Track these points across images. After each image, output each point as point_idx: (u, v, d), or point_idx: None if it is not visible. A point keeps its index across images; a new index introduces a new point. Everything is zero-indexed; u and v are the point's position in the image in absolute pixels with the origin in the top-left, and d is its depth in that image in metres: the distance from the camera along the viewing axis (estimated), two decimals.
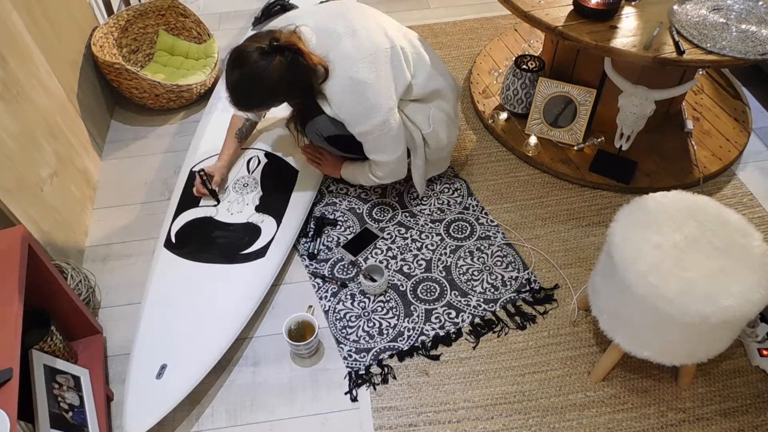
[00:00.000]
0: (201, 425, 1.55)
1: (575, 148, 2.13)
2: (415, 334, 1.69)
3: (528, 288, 1.79)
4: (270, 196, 1.93)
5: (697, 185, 2.04)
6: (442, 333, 1.69)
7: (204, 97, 2.42)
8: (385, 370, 1.63)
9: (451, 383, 1.60)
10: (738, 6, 1.79)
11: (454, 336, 1.69)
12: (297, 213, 1.90)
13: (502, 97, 2.27)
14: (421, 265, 1.85)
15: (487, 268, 1.84)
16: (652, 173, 2.05)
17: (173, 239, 1.82)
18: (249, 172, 2.01)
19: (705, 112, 2.26)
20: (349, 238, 1.92)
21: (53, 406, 1.32)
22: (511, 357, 1.65)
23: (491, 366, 1.63)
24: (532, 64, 2.18)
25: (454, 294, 1.78)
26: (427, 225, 1.96)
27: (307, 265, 1.87)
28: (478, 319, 1.72)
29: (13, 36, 1.75)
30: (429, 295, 1.78)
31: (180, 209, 1.91)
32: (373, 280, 1.77)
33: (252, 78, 1.55)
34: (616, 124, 1.94)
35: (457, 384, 1.60)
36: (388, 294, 1.78)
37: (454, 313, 1.73)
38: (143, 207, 2.07)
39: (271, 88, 1.59)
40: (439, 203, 2.02)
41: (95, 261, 1.92)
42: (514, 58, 2.20)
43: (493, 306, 1.75)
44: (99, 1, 2.53)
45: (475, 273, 1.82)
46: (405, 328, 1.71)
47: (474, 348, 1.67)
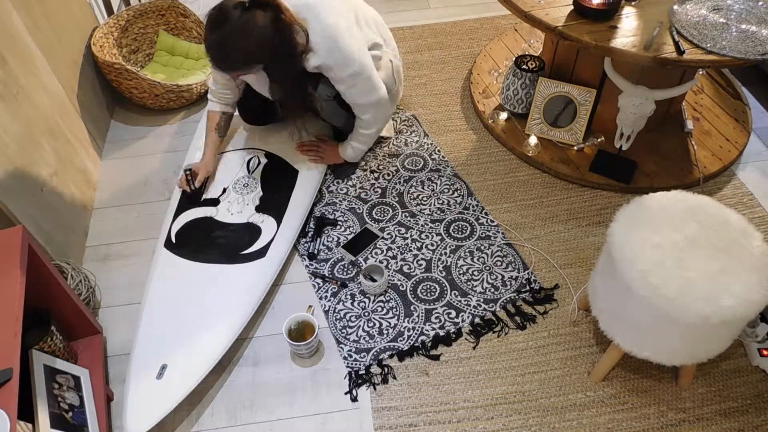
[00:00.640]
0: (201, 425, 1.55)
1: (575, 148, 2.13)
2: (415, 334, 1.69)
3: (528, 288, 1.79)
4: (270, 196, 1.94)
5: (697, 185, 2.04)
6: (442, 333, 1.69)
7: (204, 97, 2.42)
8: (385, 370, 1.63)
9: (451, 383, 1.60)
10: (738, 6, 1.79)
11: (454, 336, 1.69)
12: (297, 213, 1.90)
13: (502, 97, 2.27)
14: (421, 265, 1.85)
15: (487, 268, 1.84)
16: (652, 173, 2.05)
17: (173, 239, 1.82)
18: (249, 172, 2.01)
19: (705, 112, 2.26)
20: (349, 238, 1.92)
21: (53, 406, 1.32)
22: (511, 357, 1.65)
23: (491, 366, 1.63)
24: (532, 64, 2.18)
25: (454, 294, 1.78)
26: (427, 225, 1.96)
27: (307, 265, 1.87)
28: (478, 319, 1.72)
29: (13, 36, 1.75)
30: (429, 295, 1.78)
31: (180, 209, 1.91)
32: (373, 280, 1.77)
33: (236, 33, 1.53)
34: (616, 124, 1.94)
35: (457, 384, 1.60)
36: (388, 294, 1.78)
37: (454, 313, 1.73)
38: (143, 207, 2.07)
39: (256, 43, 1.56)
40: (439, 203, 2.02)
41: (95, 261, 1.92)
42: (514, 58, 2.20)
43: (493, 306, 1.75)
44: (99, 1, 2.53)
45: (475, 273, 1.82)
46: (405, 328, 1.71)
47: (474, 348, 1.67)
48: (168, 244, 1.81)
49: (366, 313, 1.74)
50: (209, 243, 1.81)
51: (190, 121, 2.37)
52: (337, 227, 1.96)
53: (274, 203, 1.91)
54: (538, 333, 1.69)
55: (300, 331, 1.66)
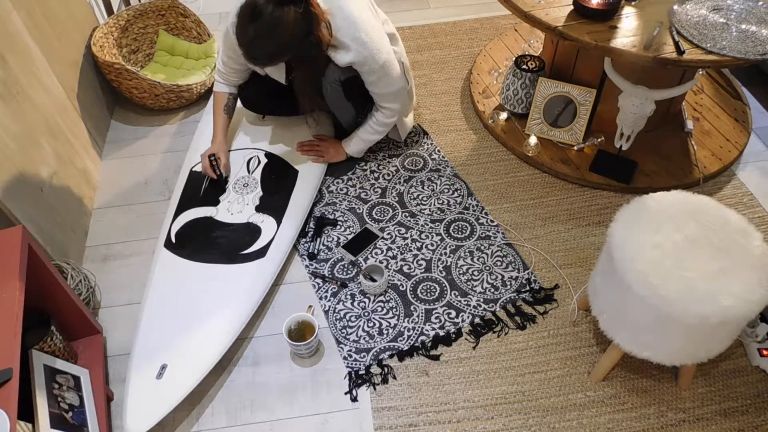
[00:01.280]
0: (201, 425, 1.55)
1: (575, 148, 2.13)
2: (415, 334, 1.69)
3: (528, 288, 1.79)
4: (270, 196, 1.94)
5: (697, 185, 2.04)
6: (442, 333, 1.69)
7: (204, 97, 2.42)
8: (385, 370, 1.63)
9: (451, 383, 1.60)
10: (738, 6, 1.79)
11: (454, 336, 1.69)
12: (297, 213, 1.90)
13: (502, 97, 2.27)
14: (421, 265, 1.85)
15: (487, 268, 1.84)
16: (652, 173, 2.05)
17: (173, 239, 1.82)
18: (249, 172, 2.01)
19: (705, 112, 2.26)
20: (349, 238, 1.92)
21: (53, 406, 1.32)
22: (511, 357, 1.65)
23: (491, 366, 1.63)
24: (532, 64, 2.18)
25: (454, 294, 1.78)
26: (427, 225, 1.96)
27: (307, 265, 1.87)
28: (478, 319, 1.72)
29: (13, 36, 1.75)
30: (429, 295, 1.78)
31: (180, 209, 1.91)
32: (373, 280, 1.77)
33: (270, 28, 1.57)
34: (616, 124, 1.94)
35: (457, 384, 1.60)
36: (388, 294, 1.78)
37: (454, 313, 1.73)
38: (143, 207, 2.07)
39: (289, 37, 1.59)
40: (439, 203, 2.02)
41: (95, 261, 1.92)
42: (514, 58, 2.20)
43: (493, 306, 1.75)
44: (99, 1, 2.53)
45: (475, 273, 1.82)
46: (405, 328, 1.71)
47: (474, 348, 1.67)
48: (168, 244, 1.81)
49: (366, 313, 1.74)
50: (209, 243, 1.81)
51: (190, 121, 2.37)
52: (337, 227, 1.96)
53: (274, 203, 1.92)
54: (538, 333, 1.69)
55: (300, 331, 1.66)
